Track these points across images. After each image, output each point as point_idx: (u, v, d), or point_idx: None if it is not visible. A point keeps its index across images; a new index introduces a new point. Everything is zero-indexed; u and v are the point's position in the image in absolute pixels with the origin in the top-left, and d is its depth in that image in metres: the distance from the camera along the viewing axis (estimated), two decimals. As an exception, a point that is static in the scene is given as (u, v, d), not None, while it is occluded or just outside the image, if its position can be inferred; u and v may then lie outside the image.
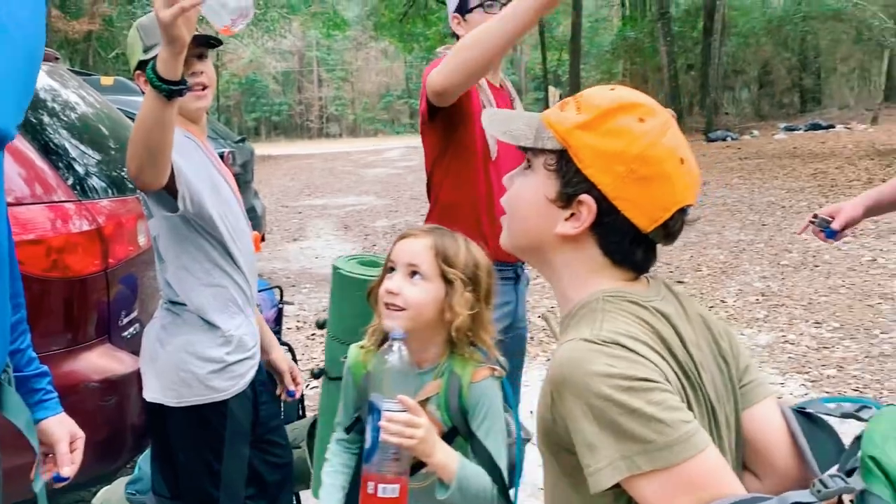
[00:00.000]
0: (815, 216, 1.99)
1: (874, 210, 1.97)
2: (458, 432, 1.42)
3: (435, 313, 1.41)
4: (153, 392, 1.79)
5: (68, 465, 1.27)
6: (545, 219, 0.96)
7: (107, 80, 5.32)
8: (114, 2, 21.15)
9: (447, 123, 1.90)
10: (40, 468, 1.25)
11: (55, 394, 1.33)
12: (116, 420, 2.28)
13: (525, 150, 0.99)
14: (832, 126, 17.80)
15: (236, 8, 1.37)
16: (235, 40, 29.56)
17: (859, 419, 0.92)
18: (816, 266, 5.66)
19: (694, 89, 21.98)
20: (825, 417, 0.98)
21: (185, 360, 1.75)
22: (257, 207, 5.84)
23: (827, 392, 3.46)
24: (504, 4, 2.00)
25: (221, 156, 5.21)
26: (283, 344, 2.43)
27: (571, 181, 0.93)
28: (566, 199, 0.94)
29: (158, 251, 1.80)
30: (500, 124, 1.02)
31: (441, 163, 1.97)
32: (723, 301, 5.03)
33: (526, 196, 0.99)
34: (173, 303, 1.80)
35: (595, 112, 0.93)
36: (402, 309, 1.40)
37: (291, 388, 2.14)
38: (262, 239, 6.31)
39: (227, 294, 1.81)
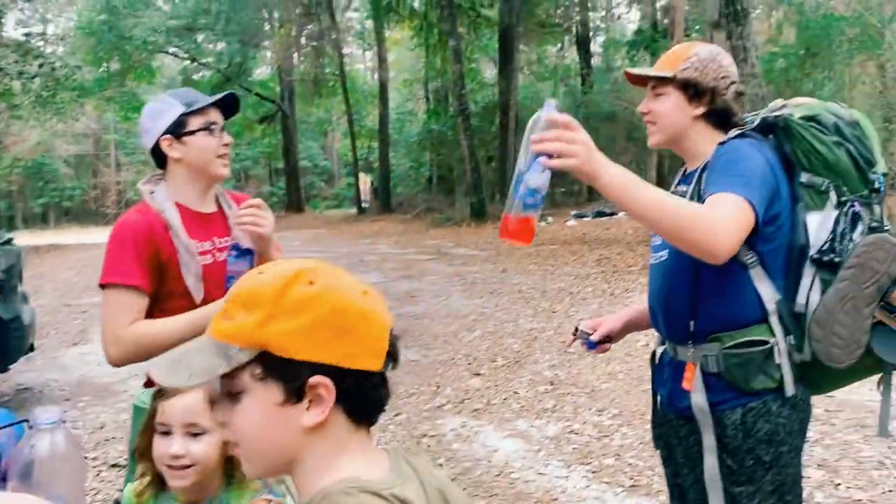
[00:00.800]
0: (577, 329, 2.14)
1: (632, 326, 2.14)
2: None
3: (220, 456, 1.38)
4: None
5: None
6: (285, 426, 0.91)
7: None
8: None
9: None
10: None
11: None
12: None
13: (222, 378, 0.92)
14: (615, 213, 19.64)
15: None
16: (20, 122, 27.37)
17: None
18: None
19: (495, 179, 23.40)
20: None
21: None
22: (24, 316, 5.27)
23: (606, 483, 3.65)
24: (222, 129, 2.05)
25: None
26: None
27: (291, 375, 0.90)
28: (296, 393, 0.90)
29: None
30: (178, 373, 0.92)
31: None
32: (515, 392, 5.23)
33: (253, 421, 0.92)
34: None
35: (267, 302, 0.90)
36: (190, 466, 1.36)
37: None
38: (31, 349, 5.68)
39: None
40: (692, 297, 1.74)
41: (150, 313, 1.93)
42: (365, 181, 30.43)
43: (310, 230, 23.73)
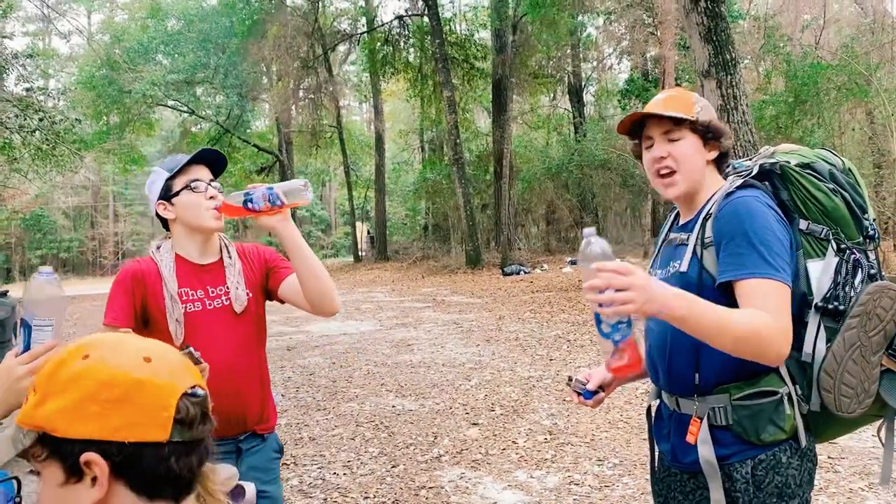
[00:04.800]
0: (570, 379, 2.10)
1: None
2: None
3: None
4: None
5: None
6: None
7: None
8: None
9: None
10: None
11: None
12: None
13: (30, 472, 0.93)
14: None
15: None
16: (19, 175, 27.56)
17: None
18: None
19: (490, 226, 23.52)
20: None
21: None
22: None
23: (607, 535, 3.57)
24: (209, 183, 2.18)
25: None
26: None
27: (65, 453, 0.87)
28: (74, 471, 0.88)
29: None
30: None
31: None
32: (514, 442, 5.15)
33: (47, 502, 0.90)
34: None
35: (42, 382, 0.91)
36: None
37: None
38: (24, 404, 5.61)
39: None
40: (696, 349, 1.69)
41: None
42: (361, 230, 30.56)
43: (306, 280, 23.69)
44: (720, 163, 1.84)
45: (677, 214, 1.94)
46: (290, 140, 32.15)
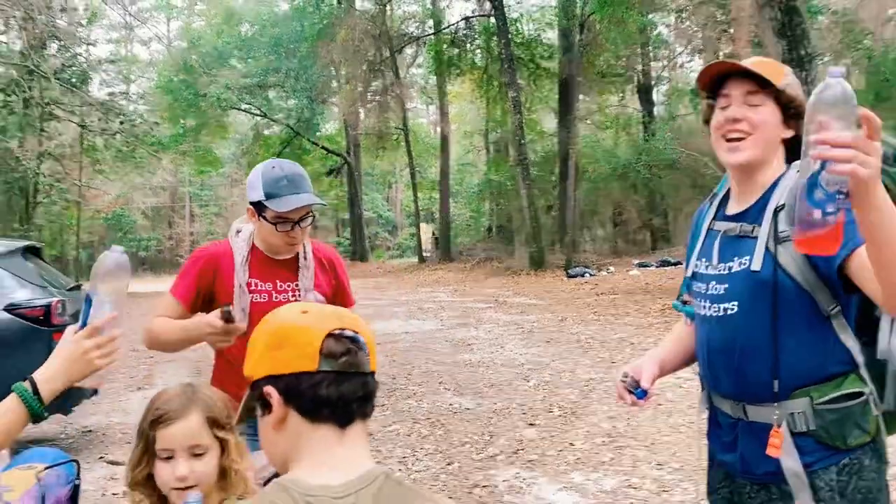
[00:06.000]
0: (625, 375, 1.88)
1: (665, 369, 1.99)
2: None
3: (218, 471, 1.52)
4: None
5: None
6: (265, 432, 1.12)
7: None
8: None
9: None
10: None
11: None
12: None
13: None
14: (680, 263, 19.22)
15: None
16: (101, 176, 28.85)
17: None
18: (660, 405, 5.87)
19: (554, 228, 23.29)
20: None
21: None
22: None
23: (663, 540, 3.47)
24: (296, 223, 2.25)
25: (48, 307, 4.89)
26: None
27: (258, 393, 1.10)
28: (265, 404, 1.09)
29: None
30: None
31: None
32: (571, 444, 5.08)
33: (262, 433, 1.14)
34: None
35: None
36: (195, 485, 1.48)
37: None
38: (95, 392, 5.85)
39: None
40: (775, 352, 1.58)
41: None
42: (426, 231, 30.76)
43: (372, 279, 23.99)
44: (790, 147, 1.68)
45: (723, 199, 1.79)
46: (358, 142, 32.65)
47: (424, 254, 29.25)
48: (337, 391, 1.07)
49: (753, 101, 1.64)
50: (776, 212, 1.61)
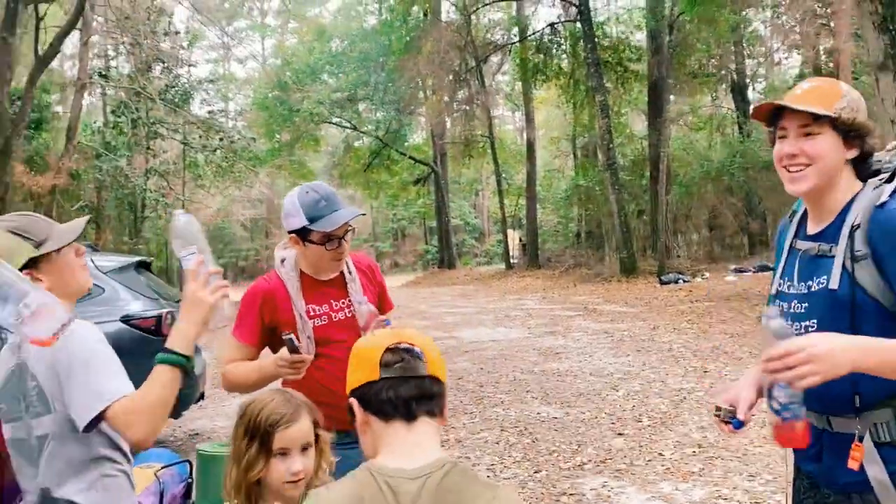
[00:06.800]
0: (719, 408, 1.88)
1: (760, 391, 1.99)
2: None
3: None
4: None
5: None
6: (364, 439, 1.36)
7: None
8: (81, 157, 21.75)
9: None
10: None
11: None
12: None
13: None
14: (778, 267, 18.44)
15: None
16: (203, 191, 30.34)
17: None
18: (753, 415, 5.71)
19: (646, 233, 22.82)
20: None
21: None
22: (197, 366, 5.80)
23: (754, 554, 3.42)
24: (342, 239, 2.34)
25: (159, 318, 5.25)
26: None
27: (348, 408, 1.36)
28: (350, 412, 1.35)
29: (44, 449, 1.73)
30: None
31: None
32: (661, 454, 5.03)
33: (361, 439, 1.38)
34: (49, 501, 1.76)
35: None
36: (303, 478, 1.69)
37: None
38: (202, 397, 6.21)
39: (118, 485, 1.80)
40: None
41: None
42: (513, 238, 30.72)
43: (459, 286, 24.20)
44: (859, 163, 1.71)
45: (802, 217, 1.83)
46: (445, 151, 33.01)
47: (512, 260, 29.22)
48: (395, 393, 1.29)
49: (809, 131, 1.67)
50: (852, 231, 1.63)
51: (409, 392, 1.29)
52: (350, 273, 2.44)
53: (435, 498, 1.21)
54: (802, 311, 1.71)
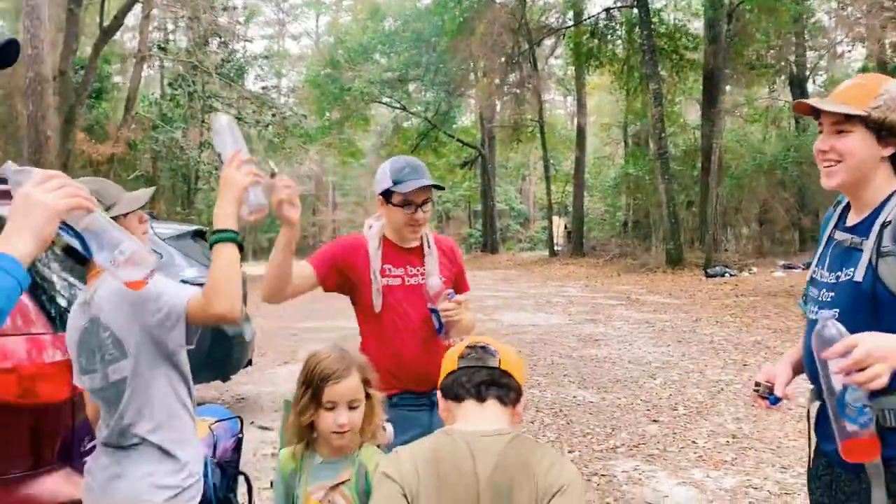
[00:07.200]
0: (758, 384, 1.99)
1: (796, 370, 2.08)
2: None
3: (361, 422, 1.89)
4: None
5: None
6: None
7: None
8: (138, 127, 22.36)
9: (341, 291, 2.59)
10: None
11: None
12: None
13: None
14: (829, 265, 18.03)
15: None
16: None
17: None
18: (790, 409, 5.72)
19: (694, 225, 22.52)
20: None
21: (144, 491, 1.88)
22: (246, 334, 6.02)
23: (780, 541, 3.47)
24: (419, 206, 2.52)
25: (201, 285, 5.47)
26: (239, 473, 2.57)
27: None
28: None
29: (124, 391, 1.90)
30: None
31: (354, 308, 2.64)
32: (694, 442, 5.08)
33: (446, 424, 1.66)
34: (125, 437, 1.93)
35: None
36: (349, 430, 1.84)
37: None
38: (250, 363, 6.45)
39: (185, 425, 1.98)
40: None
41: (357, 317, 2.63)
42: (558, 224, 30.58)
43: (501, 270, 24.26)
44: None
45: (845, 209, 1.88)
46: (493, 135, 32.96)
47: (556, 247, 29.13)
48: (468, 378, 1.57)
49: (841, 129, 1.73)
50: (882, 227, 1.69)
51: (480, 378, 1.55)
52: (429, 247, 2.63)
53: (505, 452, 1.44)
54: (829, 299, 1.78)
